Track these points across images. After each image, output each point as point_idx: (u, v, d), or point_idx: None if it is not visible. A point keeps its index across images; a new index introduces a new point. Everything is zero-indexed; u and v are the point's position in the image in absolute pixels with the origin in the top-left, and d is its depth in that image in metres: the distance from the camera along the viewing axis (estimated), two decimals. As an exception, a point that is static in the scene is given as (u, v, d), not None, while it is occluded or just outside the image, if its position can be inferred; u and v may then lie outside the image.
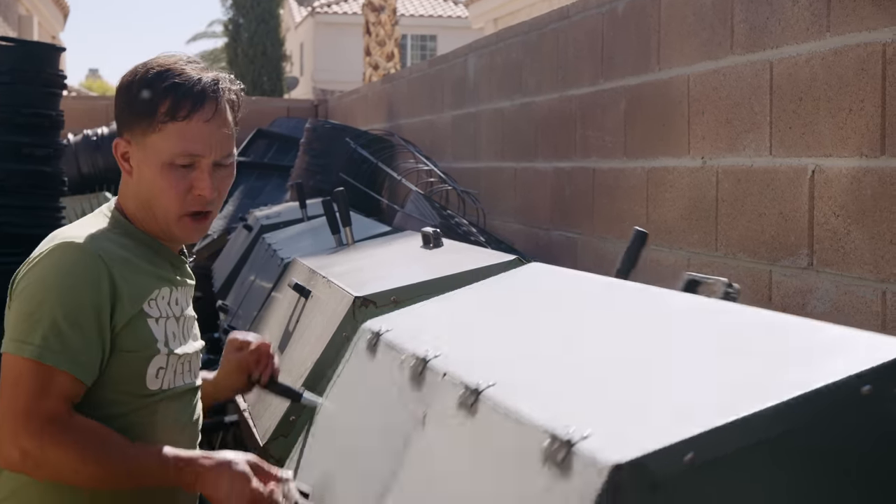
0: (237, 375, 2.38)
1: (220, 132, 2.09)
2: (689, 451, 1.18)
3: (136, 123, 2.08)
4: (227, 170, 2.14)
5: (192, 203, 2.09)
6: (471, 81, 6.42)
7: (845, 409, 1.23)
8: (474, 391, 1.56)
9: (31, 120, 5.89)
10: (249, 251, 5.70)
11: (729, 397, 1.27)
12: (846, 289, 2.96)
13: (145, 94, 2.07)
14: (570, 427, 1.28)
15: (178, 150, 2.05)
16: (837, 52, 3.00)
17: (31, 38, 16.03)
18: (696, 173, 3.73)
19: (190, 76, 2.08)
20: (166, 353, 2.08)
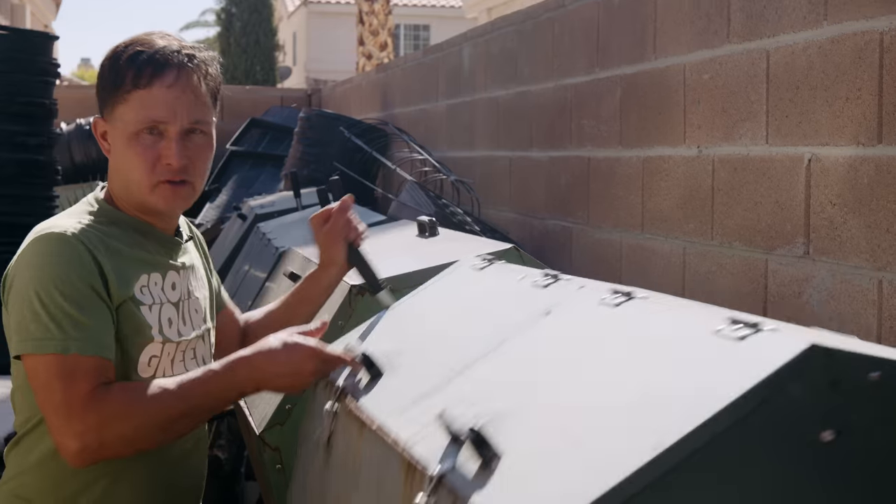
0: (335, 248, 2.37)
1: (186, 97, 2.07)
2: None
3: (108, 98, 2.08)
4: (201, 138, 2.11)
5: (161, 173, 2.06)
6: (466, 70, 6.41)
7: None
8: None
9: (25, 109, 5.88)
10: (244, 240, 5.69)
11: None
12: (843, 277, 2.96)
13: (113, 67, 2.07)
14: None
15: (140, 118, 2.04)
16: (834, 41, 2.99)
17: (24, 26, 15.99)
18: (692, 162, 3.73)
19: (155, 45, 2.07)
20: (161, 340, 2.06)
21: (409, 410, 1.69)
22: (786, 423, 1.20)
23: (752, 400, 1.18)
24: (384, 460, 1.64)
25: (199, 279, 2.27)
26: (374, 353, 1.99)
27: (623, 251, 4.26)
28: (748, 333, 1.29)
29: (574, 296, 1.77)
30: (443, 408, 1.48)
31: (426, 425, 1.55)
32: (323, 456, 1.99)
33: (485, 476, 1.33)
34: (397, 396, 1.78)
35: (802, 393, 1.20)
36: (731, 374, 1.23)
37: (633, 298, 1.60)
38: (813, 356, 1.20)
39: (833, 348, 1.21)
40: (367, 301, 2.68)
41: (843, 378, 1.21)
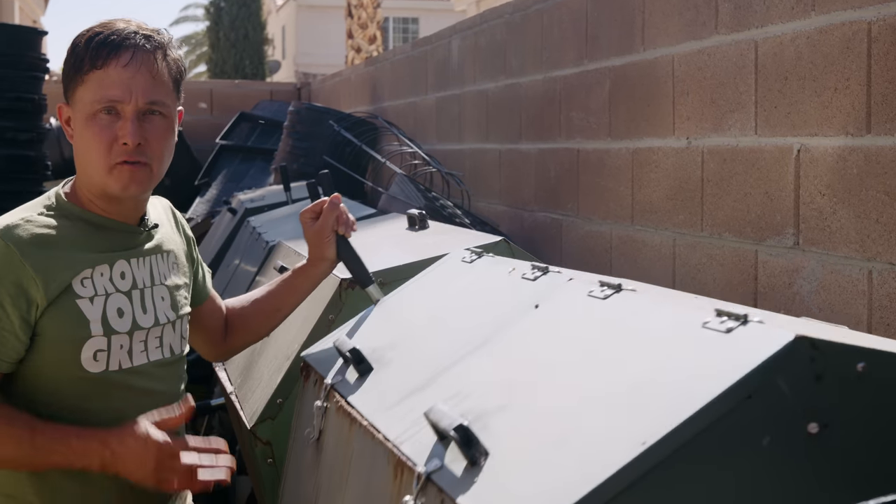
0: (325, 243, 2.37)
1: (141, 77, 2.06)
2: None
3: (69, 83, 2.09)
4: (159, 119, 2.10)
5: (118, 153, 2.05)
6: (455, 63, 6.41)
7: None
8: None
9: (14, 104, 5.87)
10: (234, 235, 5.69)
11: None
12: (832, 268, 2.97)
13: (74, 52, 2.08)
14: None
15: (97, 98, 2.04)
16: (822, 31, 3.00)
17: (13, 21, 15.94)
18: (682, 153, 3.73)
19: (113, 27, 2.08)
20: (102, 333, 2.04)
21: (398, 407, 1.69)
22: (771, 417, 1.20)
23: (738, 394, 1.18)
24: (373, 458, 1.65)
25: (174, 265, 2.25)
26: (363, 348, 1.99)
27: (613, 243, 4.26)
28: (734, 326, 1.30)
29: (562, 288, 1.77)
30: (431, 405, 1.48)
31: (415, 422, 1.55)
32: (313, 453, 2.00)
33: (472, 475, 1.33)
34: (386, 393, 1.78)
35: (788, 386, 1.20)
36: (716, 368, 1.23)
37: (621, 291, 1.61)
38: (798, 348, 1.20)
39: (818, 339, 1.21)
40: (357, 295, 2.68)
41: (828, 370, 1.21)
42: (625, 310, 1.55)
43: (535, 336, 1.67)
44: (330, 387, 1.97)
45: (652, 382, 1.30)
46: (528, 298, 1.81)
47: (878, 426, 1.24)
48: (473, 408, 1.48)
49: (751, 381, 1.19)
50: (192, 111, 10.81)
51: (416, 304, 2.22)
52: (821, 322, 1.91)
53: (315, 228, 2.38)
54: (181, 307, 2.24)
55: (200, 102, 9.91)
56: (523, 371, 1.56)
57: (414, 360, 1.87)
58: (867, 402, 1.23)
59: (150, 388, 2.14)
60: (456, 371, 1.69)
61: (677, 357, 1.32)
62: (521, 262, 2.04)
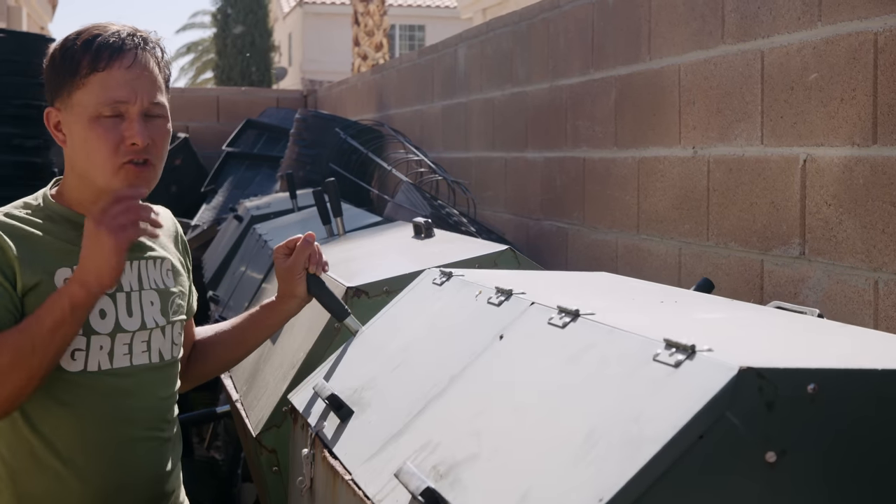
0: (296, 281, 2.36)
1: (145, 78, 2.08)
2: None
3: (62, 86, 2.08)
4: (160, 120, 2.12)
5: (126, 153, 2.06)
6: (461, 71, 6.42)
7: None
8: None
9: (21, 111, 5.89)
10: (240, 242, 5.70)
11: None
12: (838, 278, 2.97)
13: (66, 55, 2.08)
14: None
15: (102, 100, 2.05)
16: (829, 42, 3.00)
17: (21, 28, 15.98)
18: (687, 163, 3.74)
19: (107, 30, 2.09)
20: (81, 333, 2.05)
21: (377, 458, 1.73)
22: (727, 453, 1.19)
23: (689, 436, 1.18)
24: None
25: (167, 273, 2.25)
26: (342, 390, 2.03)
27: (619, 252, 4.27)
28: (682, 359, 1.29)
29: (525, 315, 1.79)
30: (405, 457, 1.55)
31: (392, 476, 1.59)
32: (309, 500, 2.03)
33: None
34: (366, 441, 1.83)
35: (739, 419, 1.19)
36: (666, 408, 1.23)
37: (578, 318, 1.62)
38: (745, 380, 1.19)
39: (764, 368, 1.20)
40: (365, 303, 2.69)
41: (778, 396, 1.20)
42: (581, 341, 1.57)
43: (499, 373, 1.70)
44: (315, 435, 2.01)
45: (607, 428, 1.30)
46: (493, 327, 1.86)
47: (837, 444, 1.24)
48: (444, 459, 1.52)
49: (700, 420, 1.18)
50: (199, 118, 10.83)
51: (390, 336, 2.24)
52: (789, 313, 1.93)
53: (287, 265, 2.37)
54: (173, 313, 2.24)
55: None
56: (489, 415, 1.59)
57: (390, 401, 1.92)
58: (822, 422, 1.23)
59: (133, 391, 2.13)
60: (428, 415, 1.73)
61: (630, 395, 1.33)
62: (487, 285, 2.06)
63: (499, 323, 1.85)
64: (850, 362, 1.29)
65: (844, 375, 1.25)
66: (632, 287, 2.29)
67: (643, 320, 1.66)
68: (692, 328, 1.63)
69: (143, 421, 2.17)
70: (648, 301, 2.00)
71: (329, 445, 1.92)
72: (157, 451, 2.20)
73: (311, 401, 2.17)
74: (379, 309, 2.45)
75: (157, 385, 2.20)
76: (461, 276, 2.25)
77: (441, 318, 2.13)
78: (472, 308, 2.02)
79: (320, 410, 2.08)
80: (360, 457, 1.78)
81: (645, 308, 1.90)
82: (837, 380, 1.24)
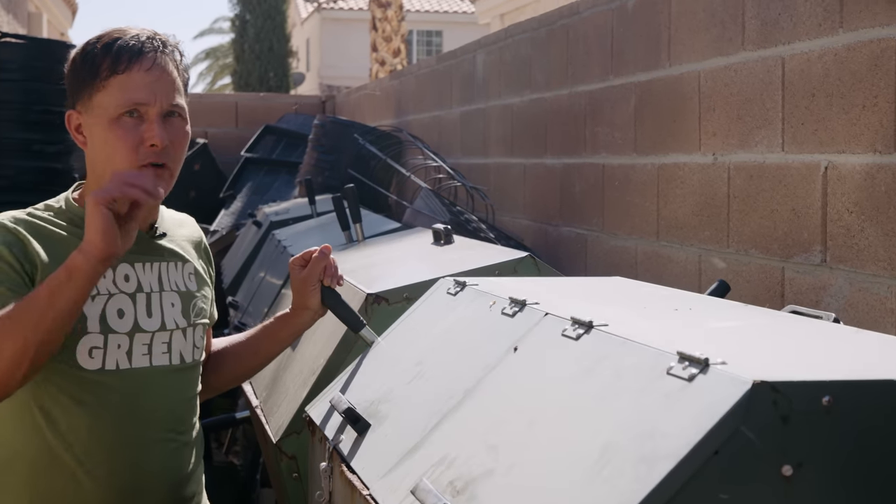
0: (310, 293, 2.34)
1: (164, 80, 2.10)
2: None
3: (83, 89, 2.10)
4: (179, 121, 2.13)
5: (145, 155, 2.08)
6: (479, 77, 6.42)
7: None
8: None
9: (42, 117, 5.91)
10: (259, 247, 5.71)
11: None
12: (860, 286, 2.96)
13: (87, 59, 2.09)
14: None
15: (122, 102, 2.06)
16: (850, 48, 2.99)
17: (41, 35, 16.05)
18: (708, 169, 3.73)
19: (127, 33, 2.11)
20: (98, 330, 2.06)
21: (394, 473, 1.73)
22: (742, 468, 1.19)
23: (704, 452, 1.17)
24: None
25: (190, 276, 2.26)
26: (359, 403, 2.03)
27: (638, 259, 4.26)
28: (696, 373, 1.29)
29: (539, 327, 1.79)
30: (420, 474, 1.55)
31: (408, 494, 1.59)
32: None
33: None
34: (383, 455, 1.83)
35: (754, 433, 1.18)
36: (681, 424, 1.23)
37: (591, 329, 1.61)
38: (758, 394, 1.18)
39: (778, 381, 1.20)
40: (384, 309, 2.69)
41: (793, 409, 1.20)
42: (595, 353, 1.56)
43: (514, 386, 1.70)
44: (332, 448, 2.01)
45: (622, 443, 1.30)
46: (507, 339, 1.85)
47: (853, 456, 1.23)
48: (461, 475, 1.52)
49: (715, 435, 1.18)
50: (217, 123, 10.87)
51: (405, 347, 2.24)
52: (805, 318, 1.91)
53: (301, 277, 2.36)
54: (195, 316, 2.25)
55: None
56: (504, 430, 1.58)
57: (406, 414, 1.92)
58: (838, 433, 1.22)
59: (151, 391, 2.14)
60: (444, 429, 1.73)
61: (644, 410, 1.32)
62: (501, 295, 2.05)
63: (513, 334, 1.85)
64: (865, 373, 1.28)
65: (860, 387, 1.24)
66: (646, 293, 2.28)
67: (657, 330, 1.65)
68: (706, 338, 1.62)
69: (161, 422, 2.17)
70: (663, 308, 1.99)
71: (346, 459, 1.92)
72: (176, 453, 2.20)
73: (328, 414, 2.17)
74: (399, 315, 2.45)
75: (177, 387, 2.20)
76: (475, 285, 2.25)
77: (455, 329, 2.13)
78: (487, 319, 2.02)
79: (337, 424, 2.08)
80: (377, 472, 1.78)
81: (659, 316, 1.89)
82: (853, 391, 1.23)
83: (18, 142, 5.93)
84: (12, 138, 5.96)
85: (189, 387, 2.25)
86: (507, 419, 1.60)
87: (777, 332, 1.75)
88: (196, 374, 2.27)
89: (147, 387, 2.13)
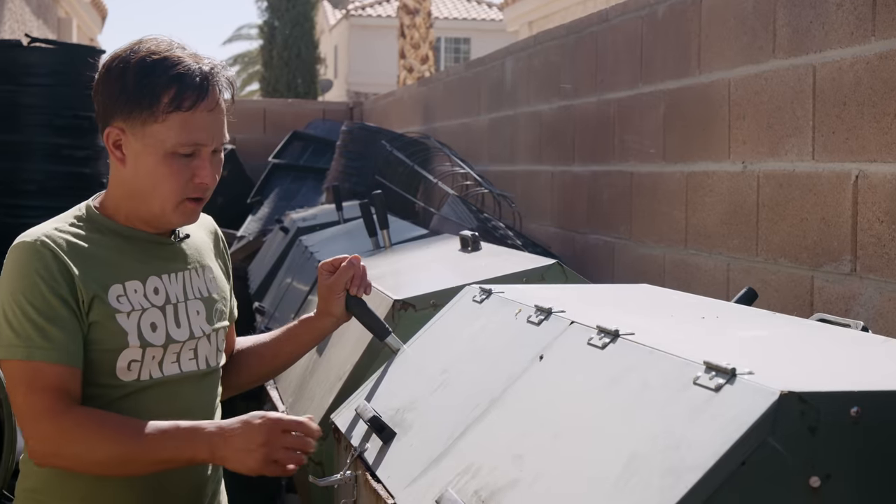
0: (335, 300, 2.35)
1: (220, 121, 2.12)
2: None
3: (135, 112, 2.07)
4: (219, 156, 2.16)
5: (192, 190, 2.11)
6: (508, 84, 6.41)
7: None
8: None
9: (71, 122, 5.95)
10: (286, 253, 5.71)
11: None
12: (890, 295, 2.93)
13: (146, 84, 2.06)
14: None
15: (182, 140, 2.07)
16: (882, 57, 2.97)
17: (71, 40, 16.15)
18: (737, 178, 3.71)
19: (190, 66, 2.09)
20: (138, 345, 2.09)
21: (419, 482, 1.73)
22: (770, 478, 1.17)
23: (731, 463, 1.16)
24: None
25: (211, 280, 2.28)
26: (385, 411, 2.03)
27: (666, 267, 4.24)
28: (723, 383, 1.28)
29: (565, 335, 1.78)
30: (445, 483, 1.55)
31: (433, 502, 1.58)
32: None
33: None
34: (407, 464, 1.83)
35: (781, 444, 1.17)
36: (707, 435, 1.21)
37: (618, 338, 1.60)
38: (786, 405, 1.17)
39: (806, 392, 1.18)
40: (411, 316, 2.68)
41: (821, 420, 1.18)
42: (621, 363, 1.55)
43: (540, 395, 1.69)
44: (357, 455, 2.01)
45: (648, 454, 1.29)
46: (532, 347, 1.85)
47: (882, 466, 1.21)
48: (486, 484, 1.52)
49: (742, 447, 1.17)
50: (245, 129, 10.90)
51: (430, 355, 2.24)
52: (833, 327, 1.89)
53: (328, 283, 2.37)
54: (217, 320, 2.27)
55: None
56: (530, 439, 1.57)
57: (431, 423, 1.92)
58: (866, 444, 1.20)
59: (179, 397, 2.17)
60: (469, 438, 1.73)
61: (670, 420, 1.31)
62: (527, 302, 2.04)
63: (538, 343, 1.84)
64: (893, 383, 1.27)
65: (888, 397, 1.23)
66: (673, 301, 2.27)
67: (683, 339, 1.64)
68: (733, 347, 1.61)
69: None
70: (689, 316, 1.98)
71: (372, 468, 1.92)
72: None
73: (354, 422, 2.18)
74: (425, 322, 2.44)
75: (202, 391, 2.24)
76: (501, 293, 2.24)
77: (481, 337, 2.13)
78: (512, 327, 2.01)
79: (363, 432, 2.08)
80: (402, 480, 1.78)
81: (685, 325, 1.88)
82: (881, 402, 1.22)
83: (47, 146, 5.96)
84: (41, 143, 6.00)
85: (214, 389, 2.29)
86: (532, 429, 1.59)
87: (804, 341, 1.74)
88: (218, 377, 2.31)
89: (177, 393, 2.16)
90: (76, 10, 18.61)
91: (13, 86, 6.00)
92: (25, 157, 5.97)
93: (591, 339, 1.66)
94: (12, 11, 11.78)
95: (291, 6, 24.77)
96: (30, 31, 12.22)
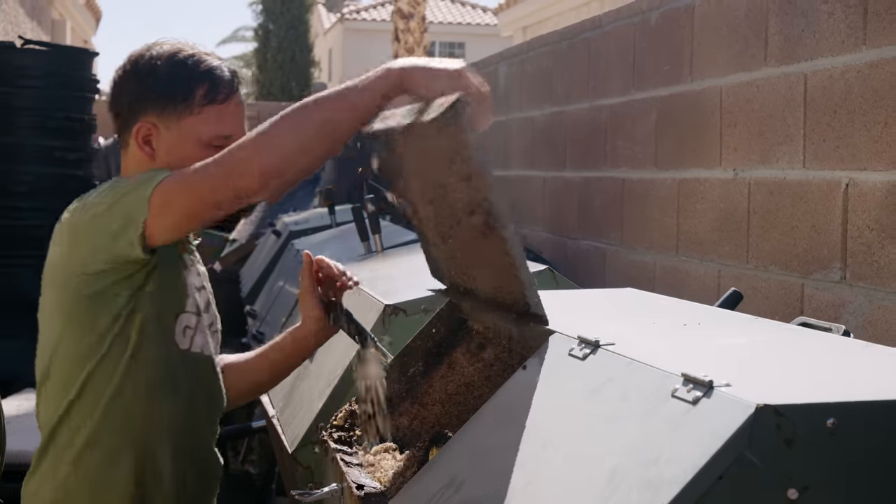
0: (308, 305, 2.29)
1: (244, 114, 2.22)
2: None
3: (170, 106, 2.13)
4: None
5: None
6: (501, 89, 6.42)
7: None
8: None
9: (64, 124, 5.94)
10: (278, 257, 5.71)
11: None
12: (880, 303, 2.94)
13: (180, 78, 2.14)
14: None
15: (217, 132, 2.14)
16: (873, 65, 2.98)
17: (65, 42, 16.14)
18: (728, 185, 3.72)
19: (216, 62, 2.19)
20: (195, 311, 2.15)
21: (403, 495, 1.75)
22: (747, 492, 1.18)
23: (708, 478, 1.16)
24: None
25: (207, 281, 2.33)
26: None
27: (657, 273, 4.25)
28: (700, 396, 1.28)
29: (545, 345, 1.78)
30: (430, 496, 1.57)
31: None
32: None
33: None
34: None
35: (758, 457, 1.17)
36: (685, 448, 1.22)
37: (598, 349, 1.61)
38: (762, 418, 1.18)
39: (782, 405, 1.19)
40: (402, 321, 2.69)
41: (798, 432, 1.19)
42: (601, 374, 1.55)
43: (522, 407, 1.68)
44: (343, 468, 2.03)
45: (628, 468, 1.29)
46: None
47: (859, 477, 1.22)
48: (470, 498, 1.53)
49: (719, 460, 1.17)
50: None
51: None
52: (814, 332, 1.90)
53: (301, 288, 2.32)
54: (217, 318, 2.32)
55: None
56: (513, 451, 1.57)
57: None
58: (843, 455, 1.21)
59: (215, 379, 2.23)
60: (453, 450, 1.74)
61: (649, 434, 1.32)
62: None
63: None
64: (871, 393, 1.27)
65: (865, 408, 1.23)
66: (657, 306, 2.27)
67: (663, 349, 1.64)
68: (712, 357, 1.61)
69: (216, 412, 2.26)
70: (671, 324, 1.98)
71: (356, 480, 1.93)
72: (215, 446, 2.29)
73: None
74: (417, 327, 2.44)
75: (217, 379, 2.28)
76: None
77: None
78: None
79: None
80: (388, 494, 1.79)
81: (667, 333, 1.88)
82: (858, 413, 1.22)
83: (39, 148, 5.96)
84: (34, 145, 6.00)
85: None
86: (515, 441, 1.59)
87: (785, 347, 1.74)
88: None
89: (213, 374, 2.22)
90: (70, 11, 18.61)
91: (6, 87, 6.00)
92: (18, 159, 5.97)
93: (573, 350, 1.66)
94: (6, 13, 11.78)
95: (286, 10, 24.81)
96: (23, 33, 12.21)
